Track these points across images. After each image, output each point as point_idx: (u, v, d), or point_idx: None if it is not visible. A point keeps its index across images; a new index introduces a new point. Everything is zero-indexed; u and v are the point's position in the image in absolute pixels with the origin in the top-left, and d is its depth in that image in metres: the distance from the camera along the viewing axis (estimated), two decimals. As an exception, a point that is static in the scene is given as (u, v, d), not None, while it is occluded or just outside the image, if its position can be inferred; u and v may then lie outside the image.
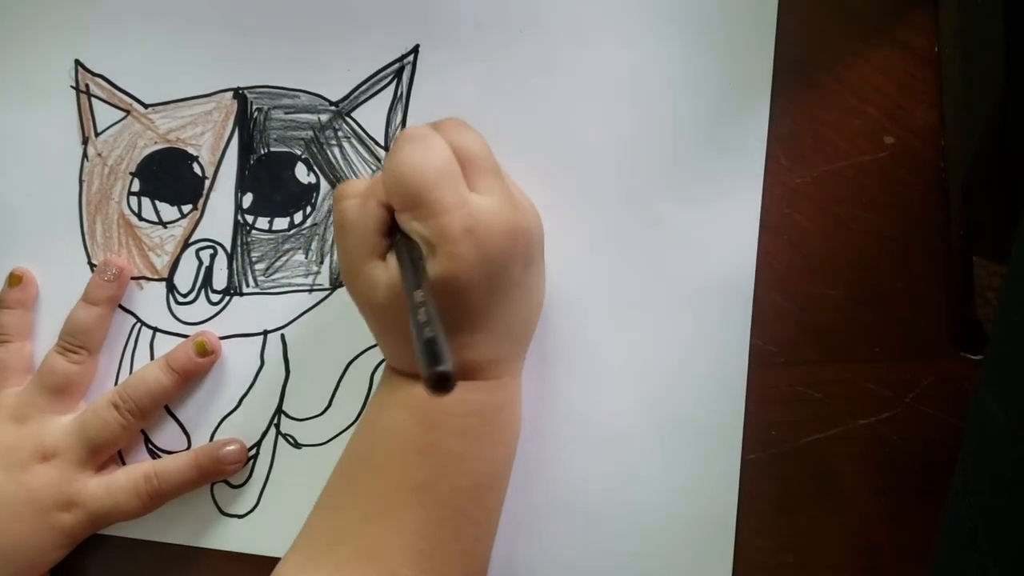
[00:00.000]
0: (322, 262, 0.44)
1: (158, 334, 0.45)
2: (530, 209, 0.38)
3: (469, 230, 0.34)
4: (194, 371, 0.44)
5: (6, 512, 0.41)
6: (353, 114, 0.44)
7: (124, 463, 0.44)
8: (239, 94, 0.45)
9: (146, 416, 0.43)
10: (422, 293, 0.32)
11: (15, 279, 0.45)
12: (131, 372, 0.45)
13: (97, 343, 0.44)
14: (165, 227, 0.45)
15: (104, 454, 0.43)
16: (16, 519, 0.41)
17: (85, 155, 0.46)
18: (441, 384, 0.29)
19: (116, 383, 0.45)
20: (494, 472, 0.38)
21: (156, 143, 0.46)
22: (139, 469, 0.43)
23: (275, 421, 0.44)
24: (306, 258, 0.44)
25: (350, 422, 0.43)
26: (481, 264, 0.34)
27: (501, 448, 0.38)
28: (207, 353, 0.44)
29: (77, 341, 0.44)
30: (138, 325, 0.45)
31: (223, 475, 0.43)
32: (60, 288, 0.46)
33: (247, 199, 0.45)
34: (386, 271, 0.36)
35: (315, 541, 0.37)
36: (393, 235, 0.36)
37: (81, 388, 0.44)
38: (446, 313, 0.34)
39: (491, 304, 0.36)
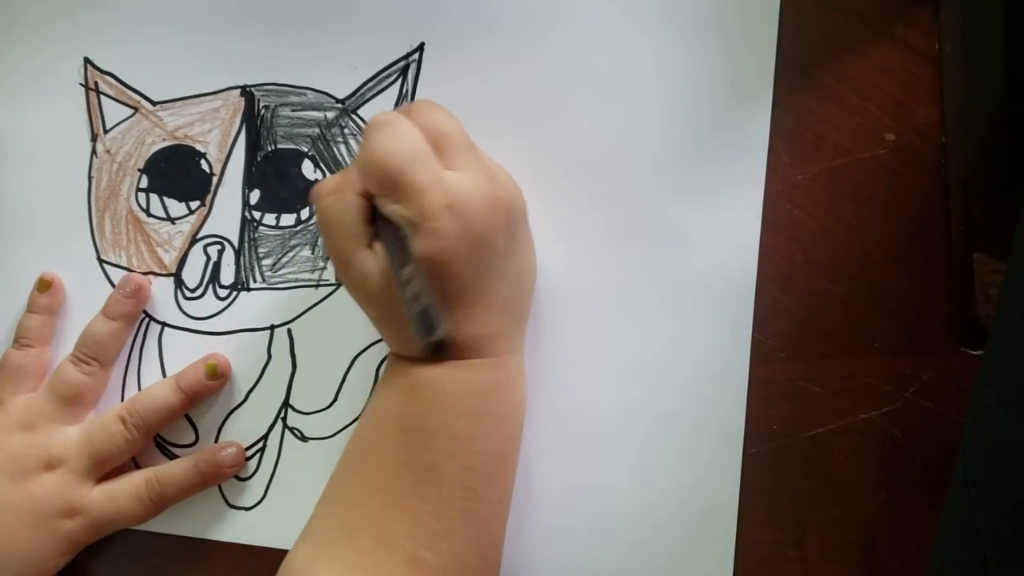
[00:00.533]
0: (328, 258, 0.44)
1: (167, 329, 0.45)
2: (507, 180, 0.39)
3: (448, 206, 0.35)
4: (203, 393, 0.44)
5: (10, 518, 0.42)
6: (359, 111, 0.45)
7: (137, 465, 0.45)
8: (246, 91, 0.46)
9: (151, 432, 0.44)
10: (410, 269, 0.33)
11: (44, 284, 0.45)
12: (139, 366, 0.46)
13: (110, 356, 0.45)
14: (173, 223, 0.46)
15: (108, 466, 0.43)
16: (19, 525, 0.42)
17: (94, 152, 0.47)
18: (439, 350, 0.30)
19: (124, 377, 0.46)
20: (502, 451, 0.38)
21: (164, 140, 0.46)
22: (140, 475, 0.43)
23: (282, 415, 0.44)
24: (312, 253, 0.45)
25: (356, 415, 0.43)
26: (465, 237, 0.35)
27: (507, 426, 0.38)
28: (217, 376, 0.44)
29: (91, 352, 0.44)
30: (147, 320, 0.46)
31: (222, 479, 0.44)
32: (69, 283, 0.46)
33: (254, 195, 0.45)
34: (375, 258, 0.36)
35: (329, 531, 0.37)
36: (376, 223, 0.37)
37: (91, 399, 0.45)
38: (437, 290, 0.35)
39: (481, 277, 0.36)
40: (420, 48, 0.44)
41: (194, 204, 0.46)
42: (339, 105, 0.45)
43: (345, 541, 0.36)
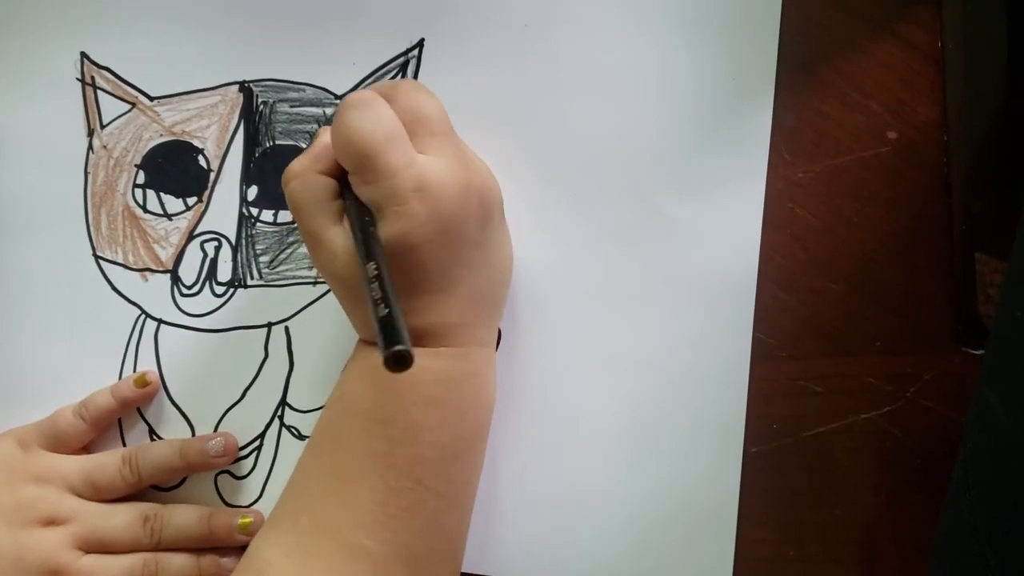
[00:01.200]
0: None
1: (163, 326, 0.45)
2: (483, 169, 0.38)
3: (418, 189, 0.34)
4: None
5: None
6: (358, 107, 0.45)
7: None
8: (245, 87, 0.45)
9: (160, 547, 0.42)
10: (374, 266, 0.32)
11: (140, 381, 0.44)
12: (135, 363, 0.45)
13: (154, 481, 0.43)
14: (170, 219, 0.45)
15: (104, 549, 0.42)
16: None
17: (91, 147, 0.47)
18: (399, 362, 0.29)
19: (120, 373, 0.45)
20: (459, 444, 0.37)
21: (161, 135, 0.46)
22: (139, 556, 0.42)
23: (279, 413, 0.44)
24: (310, 250, 0.44)
25: (354, 414, 0.43)
26: (433, 221, 0.35)
27: (468, 420, 0.37)
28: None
29: (142, 467, 0.43)
30: (143, 317, 0.45)
31: None
32: (64, 280, 0.46)
33: (252, 192, 0.45)
34: (342, 236, 0.36)
35: (283, 511, 0.37)
36: (344, 199, 0.37)
37: (115, 496, 0.43)
38: (403, 274, 0.34)
39: (448, 264, 0.36)
40: (420, 44, 0.44)
41: (191, 200, 0.45)
42: (338, 101, 0.45)
43: (290, 522, 0.36)
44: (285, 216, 0.45)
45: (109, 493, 0.43)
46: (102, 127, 0.47)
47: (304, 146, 0.45)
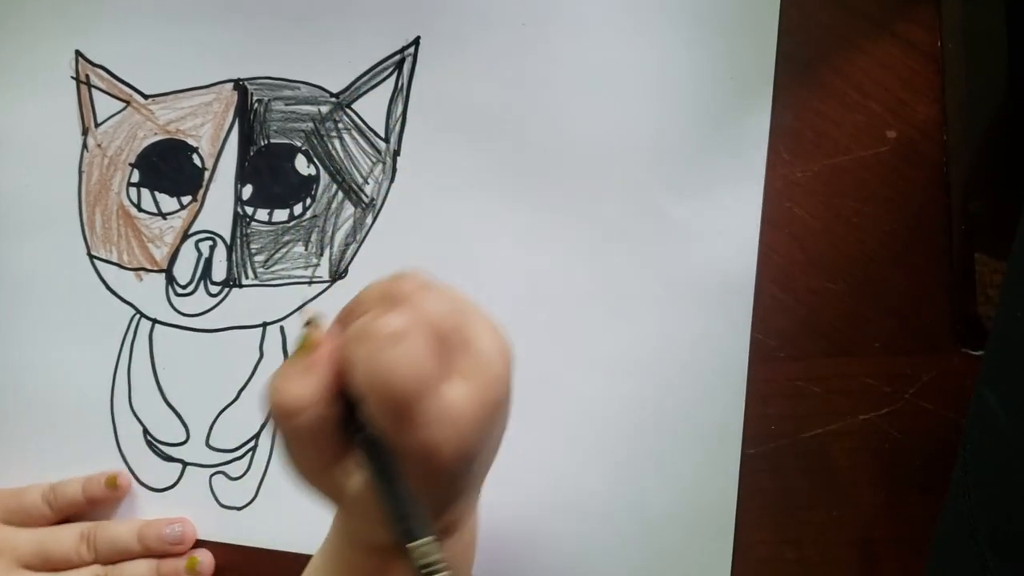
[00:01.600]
0: (322, 254, 0.44)
1: (157, 326, 0.45)
2: (499, 365, 0.32)
3: (450, 440, 0.30)
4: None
5: None
6: (353, 106, 0.44)
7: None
8: (239, 85, 0.45)
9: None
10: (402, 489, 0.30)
11: (112, 483, 0.44)
12: (130, 363, 0.45)
13: (110, 556, 0.43)
14: (164, 218, 0.45)
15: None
16: None
17: (85, 146, 0.46)
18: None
19: (114, 374, 0.45)
20: None
21: (156, 134, 0.46)
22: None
23: (274, 413, 0.44)
24: (306, 250, 0.44)
25: (349, 414, 0.43)
26: (462, 458, 0.31)
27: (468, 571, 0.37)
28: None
29: (104, 550, 0.43)
30: (137, 316, 0.45)
31: None
32: (58, 280, 0.46)
33: (247, 190, 0.45)
34: (346, 473, 0.31)
35: None
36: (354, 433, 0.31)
37: (73, 567, 0.43)
38: (424, 499, 0.31)
39: (467, 477, 0.33)
40: (416, 42, 0.44)
41: (186, 199, 0.45)
42: (333, 99, 0.44)
43: None
44: (280, 215, 0.44)
45: (61, 566, 0.43)
46: (96, 126, 0.46)
47: (299, 144, 0.44)
